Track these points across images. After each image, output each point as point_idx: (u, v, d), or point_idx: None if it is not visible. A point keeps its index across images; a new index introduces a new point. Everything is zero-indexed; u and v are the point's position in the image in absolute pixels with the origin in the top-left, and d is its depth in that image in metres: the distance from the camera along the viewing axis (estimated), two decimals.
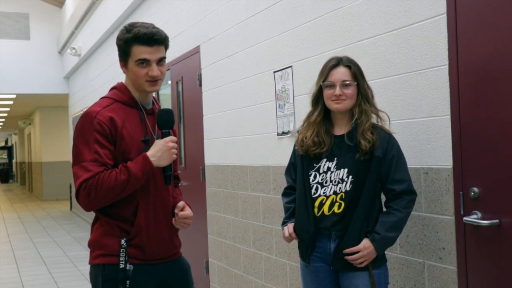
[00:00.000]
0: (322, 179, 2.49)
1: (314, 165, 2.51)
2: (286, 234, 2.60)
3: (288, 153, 3.96)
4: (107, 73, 9.85)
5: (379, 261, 2.44)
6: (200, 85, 5.41)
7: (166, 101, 6.52)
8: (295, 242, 2.66)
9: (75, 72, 13.64)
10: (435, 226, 2.61)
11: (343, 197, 2.43)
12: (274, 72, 4.07)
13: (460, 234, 2.48)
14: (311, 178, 2.51)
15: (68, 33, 12.84)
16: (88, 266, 2.40)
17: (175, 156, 2.28)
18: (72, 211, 14.87)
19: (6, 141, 44.25)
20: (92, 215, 2.41)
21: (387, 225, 2.39)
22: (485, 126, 2.34)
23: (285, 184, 4.00)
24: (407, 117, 2.74)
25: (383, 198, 2.53)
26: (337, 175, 2.45)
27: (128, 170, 2.18)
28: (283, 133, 3.99)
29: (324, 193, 2.47)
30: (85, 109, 2.33)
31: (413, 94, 2.73)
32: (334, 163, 2.47)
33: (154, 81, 2.29)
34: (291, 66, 3.86)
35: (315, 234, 2.49)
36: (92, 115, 2.24)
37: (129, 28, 2.28)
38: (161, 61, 2.30)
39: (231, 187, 4.84)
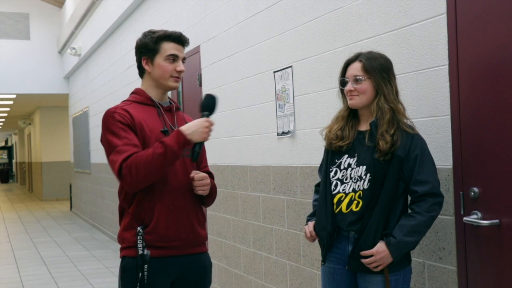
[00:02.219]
0: (342, 176, 2.44)
1: (336, 161, 2.48)
2: (307, 234, 2.58)
3: (288, 153, 3.97)
4: (107, 73, 9.84)
5: (397, 264, 2.33)
6: (200, 85, 5.42)
7: None
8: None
9: (75, 72, 13.64)
10: (435, 226, 2.60)
11: (361, 195, 2.37)
12: (274, 72, 4.07)
13: (460, 234, 2.48)
14: (332, 174, 2.47)
15: (68, 33, 12.84)
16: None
17: (207, 136, 2.35)
18: (72, 211, 14.85)
19: (6, 141, 44.27)
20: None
21: (406, 229, 2.28)
22: (485, 126, 2.34)
23: (284, 184, 4.03)
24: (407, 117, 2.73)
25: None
26: (356, 172, 2.39)
27: (164, 144, 2.25)
28: (283, 133, 3.98)
29: (343, 190, 2.42)
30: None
31: (413, 94, 2.73)
32: (355, 159, 2.42)
33: (178, 77, 2.47)
34: (291, 66, 3.86)
35: (333, 232, 2.44)
36: (111, 110, 2.39)
37: (153, 30, 2.48)
38: (184, 60, 2.50)
39: (231, 187, 4.84)
